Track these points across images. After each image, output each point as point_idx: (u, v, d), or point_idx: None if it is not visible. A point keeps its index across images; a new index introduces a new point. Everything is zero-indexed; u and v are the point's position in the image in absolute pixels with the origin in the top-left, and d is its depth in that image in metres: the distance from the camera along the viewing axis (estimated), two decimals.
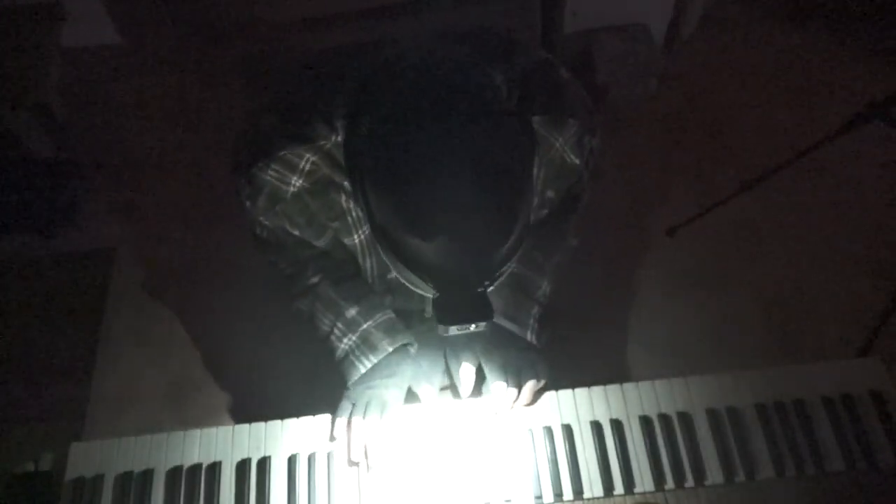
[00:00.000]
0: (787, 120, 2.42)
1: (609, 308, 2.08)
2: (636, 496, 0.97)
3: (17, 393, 1.99)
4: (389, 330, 1.09)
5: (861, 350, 1.76)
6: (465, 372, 1.07)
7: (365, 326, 1.08)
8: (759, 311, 2.07)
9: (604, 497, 0.97)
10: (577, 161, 0.96)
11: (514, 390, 1.02)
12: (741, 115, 2.45)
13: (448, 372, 1.29)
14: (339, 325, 1.09)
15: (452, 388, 1.14)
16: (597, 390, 1.05)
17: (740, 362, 1.99)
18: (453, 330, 0.80)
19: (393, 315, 1.12)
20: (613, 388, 1.05)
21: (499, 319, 1.06)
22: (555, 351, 1.35)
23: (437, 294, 0.79)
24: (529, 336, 1.08)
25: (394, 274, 1.07)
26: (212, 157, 2.37)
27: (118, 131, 2.50)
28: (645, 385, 1.05)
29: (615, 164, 2.36)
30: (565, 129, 0.93)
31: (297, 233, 0.97)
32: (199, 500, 0.98)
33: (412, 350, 1.11)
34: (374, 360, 1.06)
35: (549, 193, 0.99)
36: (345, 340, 1.09)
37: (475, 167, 0.71)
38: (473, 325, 0.79)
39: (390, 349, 1.07)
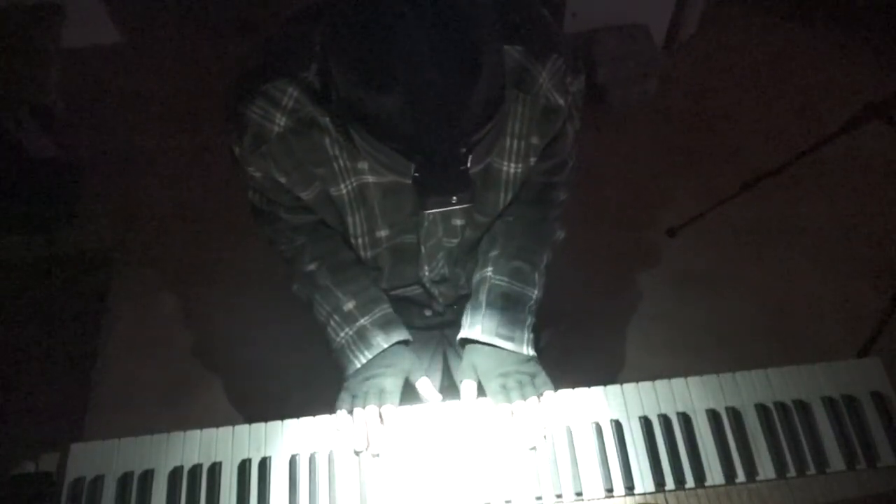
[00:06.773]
0: (787, 120, 2.42)
1: (609, 308, 2.08)
2: (636, 497, 0.97)
3: (17, 393, 1.99)
4: (385, 326, 1.09)
5: (861, 350, 1.76)
6: (467, 388, 1.05)
7: (361, 322, 1.09)
8: (760, 311, 2.07)
9: (604, 498, 0.97)
10: (561, 102, 0.94)
11: (522, 411, 1.01)
12: (741, 115, 2.45)
13: (447, 370, 1.29)
14: (336, 317, 1.10)
15: (451, 388, 1.14)
16: (597, 390, 1.05)
17: (740, 362, 1.98)
18: (433, 207, 0.75)
19: (390, 310, 1.12)
20: (613, 388, 1.05)
21: (494, 340, 1.05)
22: (555, 351, 1.36)
23: (414, 168, 0.75)
24: (526, 349, 1.06)
25: (382, 232, 1.06)
26: (211, 158, 2.37)
27: (118, 131, 2.50)
28: (645, 385, 1.05)
29: (615, 164, 2.36)
30: (549, 64, 0.91)
31: (284, 180, 0.96)
32: (200, 500, 0.98)
33: (409, 345, 1.11)
34: (370, 355, 1.07)
35: (534, 139, 0.97)
36: (341, 334, 1.09)
37: (436, 18, 0.69)
38: (455, 198, 0.75)
39: (385, 346, 1.07)
